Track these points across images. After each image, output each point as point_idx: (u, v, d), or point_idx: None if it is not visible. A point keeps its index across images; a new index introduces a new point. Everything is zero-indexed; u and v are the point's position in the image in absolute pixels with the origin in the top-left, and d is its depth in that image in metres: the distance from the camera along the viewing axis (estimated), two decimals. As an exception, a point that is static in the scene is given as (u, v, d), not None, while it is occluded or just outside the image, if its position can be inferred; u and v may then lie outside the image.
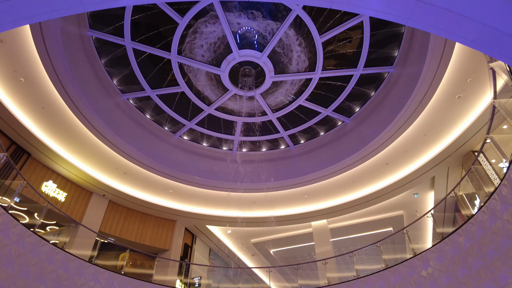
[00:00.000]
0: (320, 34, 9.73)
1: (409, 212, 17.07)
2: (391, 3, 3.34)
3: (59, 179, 13.47)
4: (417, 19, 3.35)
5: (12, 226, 7.87)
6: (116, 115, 11.92)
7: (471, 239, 8.00)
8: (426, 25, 3.41)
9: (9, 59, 8.77)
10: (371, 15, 3.67)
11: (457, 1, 2.98)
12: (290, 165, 14.41)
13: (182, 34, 9.86)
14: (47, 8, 3.33)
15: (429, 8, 3.11)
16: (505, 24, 2.90)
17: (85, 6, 3.57)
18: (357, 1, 3.63)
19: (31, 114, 10.71)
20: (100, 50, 10.58)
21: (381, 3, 3.40)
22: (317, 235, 17.06)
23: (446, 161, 12.33)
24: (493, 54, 3.46)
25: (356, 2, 3.64)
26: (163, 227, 17.04)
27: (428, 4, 3.07)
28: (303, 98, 12.16)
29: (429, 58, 8.46)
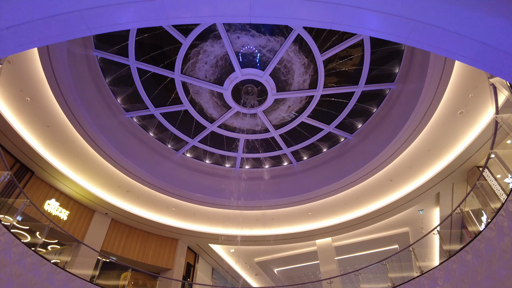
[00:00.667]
0: (321, 52, 9.88)
1: (415, 229, 16.80)
2: (390, 24, 3.41)
3: (62, 197, 13.46)
4: (415, 39, 3.42)
5: (13, 245, 7.81)
6: (120, 134, 12.00)
7: (480, 257, 7.82)
8: (425, 44, 3.47)
9: (16, 79, 8.93)
10: (370, 35, 3.75)
11: (456, 21, 3.04)
12: (293, 182, 14.33)
13: (185, 54, 10.04)
14: (54, 32, 3.44)
15: (428, 28, 3.17)
16: (504, 43, 2.94)
17: (91, 30, 3.68)
18: (356, 22, 3.72)
19: (36, 133, 10.81)
20: (105, 69, 10.77)
21: (380, 23, 3.48)
22: (321, 254, 16.77)
23: (450, 176, 12.21)
24: (492, 71, 3.50)
25: (355, 22, 3.73)
26: (166, 246, 16.85)
27: (426, 24, 3.14)
28: (305, 115, 12.23)
29: (430, 74, 8.52)
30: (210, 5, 3.74)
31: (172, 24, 4.26)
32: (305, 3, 3.55)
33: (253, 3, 3.66)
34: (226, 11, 3.83)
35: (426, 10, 3.14)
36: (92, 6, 3.38)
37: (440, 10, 3.09)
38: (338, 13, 3.60)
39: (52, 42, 3.64)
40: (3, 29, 3.03)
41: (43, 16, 3.18)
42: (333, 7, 3.53)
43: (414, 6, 3.15)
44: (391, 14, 3.29)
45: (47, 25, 3.30)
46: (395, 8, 3.26)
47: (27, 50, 3.74)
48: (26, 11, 3.14)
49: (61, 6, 3.25)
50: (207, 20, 4.18)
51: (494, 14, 2.87)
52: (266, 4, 3.71)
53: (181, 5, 3.64)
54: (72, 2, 3.28)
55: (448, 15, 3.06)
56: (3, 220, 8.70)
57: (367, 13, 3.47)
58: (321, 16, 3.75)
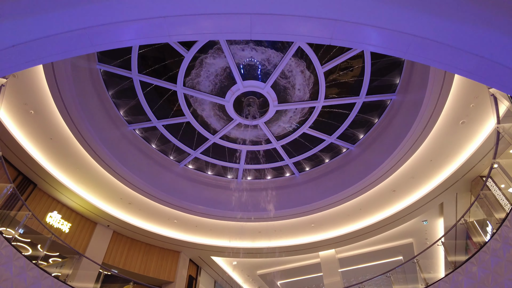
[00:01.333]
0: (321, 64, 9.97)
1: (419, 240, 16.63)
2: (388, 39, 3.47)
3: (64, 209, 13.44)
4: (414, 53, 3.47)
5: (15, 258, 7.77)
6: (123, 146, 12.05)
7: (486, 269, 7.72)
8: (424, 58, 3.52)
9: (21, 92, 9.03)
10: (369, 50, 3.82)
11: (453, 36, 3.09)
12: (296, 193, 14.28)
13: (187, 66, 10.15)
14: (59, 49, 3.52)
15: (426, 42, 3.23)
16: (501, 56, 2.99)
17: (95, 47, 3.76)
18: (355, 37, 3.78)
19: (39, 145, 10.86)
20: (108, 82, 10.89)
21: (379, 38, 3.54)
22: (325, 265, 16.59)
23: (453, 186, 12.14)
24: (490, 84, 3.54)
25: (354, 38, 3.80)
26: (167, 258, 16.72)
27: (424, 39, 3.19)
28: (307, 126, 12.26)
29: (431, 84, 8.56)
30: (211, 23, 3.82)
31: (173, 41, 4.35)
32: (304, 19, 3.62)
33: (254, 20, 3.74)
34: (227, 29, 3.90)
35: (424, 25, 3.19)
36: (96, 24, 3.46)
37: (438, 25, 3.15)
38: (337, 29, 3.67)
39: (58, 59, 3.72)
40: (9, 46, 3.10)
41: (49, 34, 3.26)
42: (332, 23, 3.60)
43: (412, 21, 3.21)
44: (390, 29, 3.35)
45: (53, 43, 3.38)
46: (394, 24, 3.33)
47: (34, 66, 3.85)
48: (33, 29, 3.21)
49: (66, 24, 3.33)
50: (208, 37, 4.26)
51: (491, 29, 2.92)
52: (266, 22, 3.78)
53: (183, 22, 3.72)
54: (76, 21, 3.36)
55: (445, 30, 3.11)
56: (4, 233, 8.68)
57: (366, 29, 3.54)
58: (321, 32, 3.81)
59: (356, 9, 3.36)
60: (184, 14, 3.57)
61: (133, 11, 3.48)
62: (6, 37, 3.11)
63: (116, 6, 3.38)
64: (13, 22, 3.07)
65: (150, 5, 3.43)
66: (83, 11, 3.31)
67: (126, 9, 3.43)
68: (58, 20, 3.27)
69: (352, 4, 3.33)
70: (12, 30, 3.10)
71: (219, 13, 3.60)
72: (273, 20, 3.73)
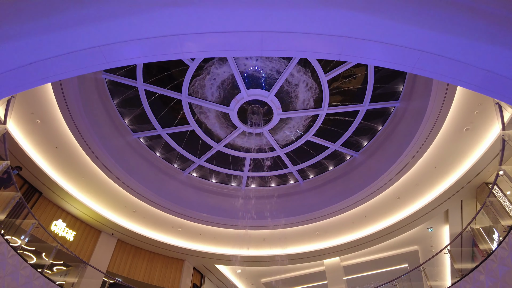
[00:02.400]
0: (325, 72, 10.03)
1: (424, 247, 16.49)
2: (396, 55, 3.53)
3: (69, 218, 13.48)
4: (421, 68, 3.52)
5: (21, 268, 7.80)
6: (127, 154, 12.12)
7: (493, 277, 7.64)
8: (430, 72, 3.57)
9: (28, 102, 9.14)
10: (377, 65, 3.86)
11: (460, 51, 3.14)
12: (300, 201, 14.24)
13: (192, 75, 10.24)
14: (75, 66, 3.61)
15: (433, 57, 3.28)
16: (508, 70, 3.03)
17: (110, 64, 3.85)
18: (363, 53, 3.85)
19: (45, 154, 10.95)
20: (113, 91, 11.00)
21: (386, 54, 3.61)
22: (330, 274, 16.47)
23: (459, 193, 12.06)
24: (497, 97, 3.58)
25: (362, 54, 3.87)
26: (172, 267, 16.67)
27: (431, 54, 3.24)
28: (310, 133, 12.29)
29: (434, 92, 8.58)
30: (224, 40, 3.88)
31: (186, 58, 4.42)
32: (314, 37, 3.69)
33: (265, 38, 3.82)
34: (239, 46, 3.97)
35: (431, 41, 3.25)
36: (111, 42, 3.54)
37: (444, 41, 3.20)
38: (346, 45, 3.74)
39: (73, 75, 3.81)
40: (27, 64, 3.18)
41: (65, 52, 3.35)
42: (341, 40, 3.67)
43: (419, 37, 3.26)
44: (397, 45, 3.41)
45: (69, 60, 3.46)
46: (401, 40, 3.39)
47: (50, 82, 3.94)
48: (50, 47, 3.30)
49: (82, 43, 3.42)
50: (221, 54, 4.34)
51: (496, 44, 2.96)
52: (277, 39, 3.85)
53: (196, 40, 3.79)
54: (92, 39, 3.45)
55: (452, 45, 3.16)
56: (10, 241, 8.73)
57: (374, 45, 3.60)
58: (330, 48, 3.88)
59: (364, 26, 3.43)
60: (198, 32, 3.65)
61: (148, 30, 3.56)
62: (24, 55, 3.19)
63: (131, 25, 3.46)
64: (31, 40, 3.15)
65: (165, 23, 3.51)
66: (98, 29, 3.40)
67: (141, 27, 3.52)
68: (74, 38, 3.35)
69: (360, 21, 3.39)
70: (29, 49, 3.18)
71: (231, 31, 3.67)
72: (284, 38, 3.81)
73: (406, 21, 3.24)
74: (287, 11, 3.48)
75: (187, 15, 3.49)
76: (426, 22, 3.17)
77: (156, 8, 3.34)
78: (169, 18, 3.49)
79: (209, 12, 3.50)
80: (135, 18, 3.41)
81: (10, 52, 3.18)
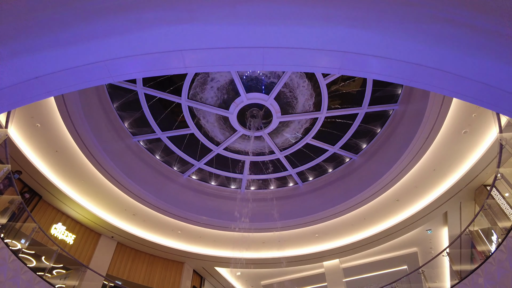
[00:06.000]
0: (324, 76, 10.09)
1: (423, 249, 16.52)
2: (394, 68, 3.60)
3: (69, 221, 13.49)
4: (418, 81, 3.59)
5: (22, 272, 7.80)
6: (127, 157, 12.15)
7: (492, 280, 7.68)
8: (427, 85, 3.65)
9: (28, 106, 9.15)
10: (375, 78, 3.94)
11: (456, 65, 3.20)
12: (299, 203, 14.28)
13: (192, 79, 10.29)
14: (80, 80, 3.67)
15: (429, 71, 3.34)
16: (504, 83, 3.09)
17: (114, 78, 3.92)
18: (362, 67, 3.92)
19: (45, 158, 10.97)
20: (113, 95, 11.04)
21: (385, 68, 3.67)
22: (329, 276, 16.50)
23: (457, 196, 12.11)
24: (494, 109, 3.64)
25: (361, 68, 3.94)
26: (171, 269, 16.67)
27: (428, 68, 3.30)
28: (310, 136, 12.34)
29: (433, 94, 8.64)
30: (226, 56, 3.95)
31: (189, 72, 4.49)
32: (315, 52, 3.76)
33: (266, 53, 3.88)
34: (241, 61, 4.03)
35: (427, 55, 3.32)
36: (116, 57, 3.60)
37: (440, 56, 3.26)
38: (346, 60, 3.81)
39: (78, 89, 3.86)
40: (33, 78, 3.24)
41: (71, 67, 3.41)
42: (340, 55, 3.74)
43: (416, 52, 3.33)
44: (395, 59, 3.48)
45: (74, 75, 3.53)
46: (398, 54, 3.45)
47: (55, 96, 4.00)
48: (56, 62, 3.36)
49: (87, 58, 3.49)
50: (222, 69, 4.42)
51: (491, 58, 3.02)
52: (278, 54, 3.92)
53: (198, 55, 3.86)
54: (97, 54, 3.51)
55: (449, 60, 3.23)
56: (10, 245, 8.73)
57: (372, 59, 3.68)
58: (330, 63, 3.95)
59: (363, 41, 3.49)
60: (200, 48, 3.70)
61: (151, 45, 3.61)
62: (30, 70, 3.24)
63: (135, 40, 3.52)
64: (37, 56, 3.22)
65: (168, 40, 3.57)
66: (103, 45, 3.46)
67: (144, 43, 3.57)
68: (80, 53, 3.41)
69: (358, 37, 3.46)
70: (35, 64, 3.24)
71: (233, 47, 3.74)
72: (284, 53, 3.87)
73: (403, 37, 3.30)
74: (287, 27, 3.54)
75: (190, 32, 3.54)
76: (423, 37, 3.23)
77: (160, 25, 3.39)
78: (173, 34, 3.55)
79: (212, 29, 3.56)
80: (139, 34, 3.46)
81: (17, 67, 3.22)
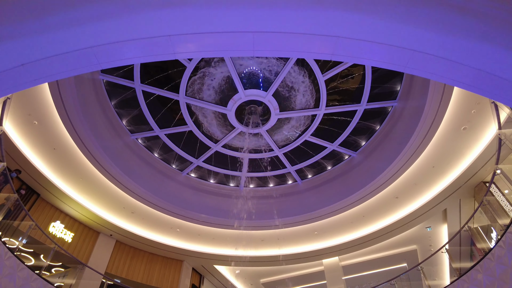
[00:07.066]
0: (322, 72, 10.04)
1: (423, 247, 16.50)
2: (388, 54, 3.54)
3: (67, 219, 13.45)
4: (413, 67, 3.53)
5: (18, 269, 7.77)
6: (125, 155, 12.10)
7: (491, 276, 7.65)
8: (423, 71, 3.59)
9: (25, 103, 9.12)
10: (369, 64, 3.90)
11: (451, 50, 3.15)
12: (298, 201, 14.24)
13: (190, 76, 10.24)
14: (67, 68, 3.60)
15: (425, 56, 3.28)
16: (499, 69, 3.03)
17: (102, 65, 3.85)
18: (356, 53, 3.86)
19: (42, 156, 10.93)
20: (111, 92, 10.99)
21: (378, 54, 3.61)
22: (329, 273, 16.48)
23: (457, 193, 12.08)
24: (489, 96, 3.59)
25: (355, 53, 3.87)
26: (170, 268, 16.65)
27: (423, 53, 3.25)
28: (308, 133, 12.29)
29: (431, 91, 8.59)
30: (215, 41, 3.88)
31: (178, 58, 4.42)
32: (306, 37, 3.69)
33: (256, 38, 3.81)
34: (230, 46, 3.97)
35: (422, 40, 3.26)
36: (103, 43, 3.54)
37: (436, 41, 3.21)
38: (338, 45, 3.74)
39: (66, 77, 3.80)
40: (19, 65, 3.18)
41: (57, 53, 3.35)
42: (333, 40, 3.67)
43: (411, 36, 3.27)
44: (389, 44, 3.42)
45: (61, 62, 3.46)
46: (393, 39, 3.40)
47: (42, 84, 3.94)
48: (42, 49, 3.30)
49: (74, 44, 3.42)
50: (211, 54, 4.34)
51: (487, 42, 2.98)
52: (268, 40, 3.86)
53: (187, 41, 3.80)
54: (83, 40, 3.45)
55: (444, 45, 3.17)
56: (8, 243, 8.70)
57: (366, 45, 3.61)
58: (322, 48, 3.89)
59: (356, 26, 3.43)
60: (189, 33, 3.65)
61: (139, 31, 3.56)
62: (15, 57, 3.18)
63: (122, 26, 3.46)
64: (22, 41, 3.15)
65: (155, 24, 3.51)
66: (90, 30, 3.40)
67: (132, 28, 3.51)
68: (66, 39, 3.35)
69: (352, 21, 3.40)
70: (20, 50, 3.18)
71: (222, 32, 3.67)
72: (275, 38, 3.81)
73: (397, 21, 3.25)
74: (278, 11, 3.48)
75: (178, 16, 3.49)
76: (418, 21, 3.17)
77: (147, 9, 3.33)
78: (160, 19, 3.49)
79: (200, 12, 3.50)
80: (126, 19, 3.40)
81: (1, 53, 3.17)
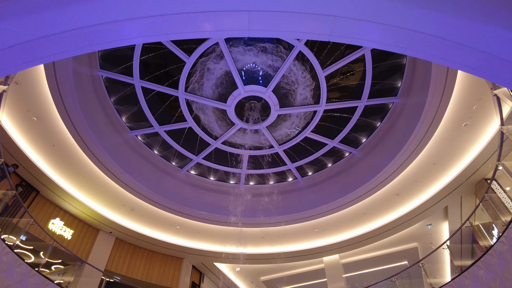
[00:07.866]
0: (323, 68, 9.96)
1: (424, 244, 16.45)
2: (388, 34, 3.45)
3: (67, 216, 13.43)
4: (414, 48, 3.44)
5: (16, 265, 7.73)
6: (125, 152, 12.06)
7: (492, 272, 7.58)
8: (424, 54, 3.50)
9: (24, 99, 9.09)
10: (368, 46, 3.83)
11: (454, 31, 3.07)
12: (299, 198, 14.18)
13: (189, 72, 10.17)
14: (57, 50, 3.52)
15: (426, 37, 3.20)
16: (502, 50, 2.95)
17: (93, 46, 3.76)
18: (354, 33, 3.76)
19: (42, 152, 10.90)
20: (110, 89, 10.93)
21: (378, 34, 3.52)
22: (329, 271, 16.44)
23: (458, 190, 12.00)
24: (492, 79, 3.50)
25: (353, 34, 3.77)
26: (170, 265, 16.63)
27: (424, 34, 3.16)
28: (308, 130, 12.22)
29: (432, 87, 8.52)
30: (209, 21, 3.80)
31: (171, 39, 4.34)
32: (303, 16, 3.60)
33: (252, 17, 3.72)
34: (225, 26, 3.88)
35: (424, 20, 3.17)
36: (93, 24, 3.46)
37: (437, 20, 3.13)
38: (336, 25, 3.65)
39: (57, 59, 3.72)
40: (6, 47, 3.10)
41: (46, 34, 3.26)
42: (331, 19, 3.58)
43: (411, 16, 3.19)
44: (389, 25, 3.34)
45: (50, 43, 3.38)
46: (393, 19, 3.31)
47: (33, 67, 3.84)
48: (29, 30, 3.21)
49: (63, 24, 3.34)
50: (206, 35, 4.24)
51: (491, 23, 2.89)
52: (264, 19, 3.76)
53: (180, 21, 3.70)
54: (73, 20, 3.37)
55: (445, 25, 3.09)
56: (6, 240, 8.66)
57: (365, 25, 3.52)
58: (319, 28, 3.79)
59: (354, 4, 3.35)
60: (182, 12, 3.55)
61: (131, 10, 3.46)
62: (3, 38, 3.11)
63: (113, 6, 3.37)
64: (9, 22, 3.07)
65: (147, 4, 3.42)
66: (80, 10, 3.31)
67: (123, 8, 3.42)
68: (55, 19, 3.27)
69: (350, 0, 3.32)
70: (8, 31, 3.10)
71: (216, 11, 3.58)
72: (271, 17, 3.72)
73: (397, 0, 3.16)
74: None
75: None
76: (419, 0, 3.08)
77: None
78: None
79: None
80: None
81: None
